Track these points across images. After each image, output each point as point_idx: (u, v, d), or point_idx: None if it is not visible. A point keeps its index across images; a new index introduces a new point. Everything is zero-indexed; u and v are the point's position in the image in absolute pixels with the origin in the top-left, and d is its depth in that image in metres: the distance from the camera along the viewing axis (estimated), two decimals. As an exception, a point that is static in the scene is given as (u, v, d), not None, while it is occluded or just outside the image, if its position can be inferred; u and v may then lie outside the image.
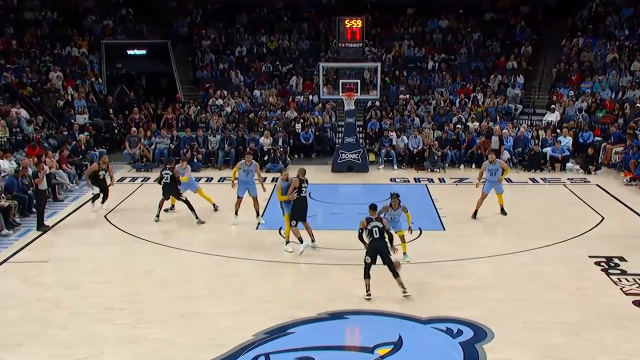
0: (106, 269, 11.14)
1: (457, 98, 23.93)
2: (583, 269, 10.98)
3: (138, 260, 11.57)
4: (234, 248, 11.99)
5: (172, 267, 11.24)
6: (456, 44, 27.60)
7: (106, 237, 12.91)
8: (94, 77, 25.29)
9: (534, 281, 10.47)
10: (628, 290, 10.02)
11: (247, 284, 10.41)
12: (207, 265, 11.26)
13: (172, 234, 12.99)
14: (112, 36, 27.78)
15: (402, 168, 19.87)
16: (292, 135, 21.58)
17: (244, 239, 12.63)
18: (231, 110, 23.29)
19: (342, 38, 20.00)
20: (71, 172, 17.31)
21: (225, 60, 27.01)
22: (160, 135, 20.65)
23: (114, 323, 9.07)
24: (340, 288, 10.21)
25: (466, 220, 14.00)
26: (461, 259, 11.52)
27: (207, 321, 9.10)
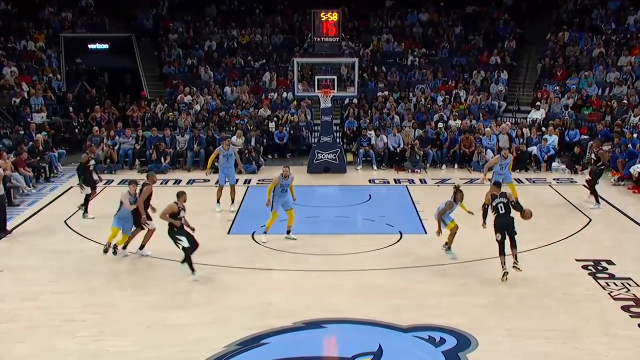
0: (67, 279, 10.98)
1: (438, 95, 24.12)
2: (570, 274, 11.14)
3: (101, 269, 11.43)
4: (204, 255, 11.90)
5: (138, 275, 11.14)
6: (437, 39, 27.83)
7: (67, 245, 12.74)
8: (52, 73, 24.98)
9: (520, 286, 10.59)
10: (617, 295, 10.18)
11: (219, 293, 10.35)
12: (175, 274, 11.16)
13: (138, 241, 12.83)
14: (71, 29, 27.47)
15: (381, 169, 19.96)
16: (266, 135, 21.55)
17: (215, 245, 12.55)
18: (200, 109, 23.17)
19: (317, 32, 20.03)
20: (28, 175, 17.02)
21: (194, 56, 26.86)
22: (124, 135, 20.46)
23: (76, 336, 8.94)
24: (317, 295, 10.21)
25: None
26: (444, 264, 11.61)
27: (176, 333, 9.02)
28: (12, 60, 24.50)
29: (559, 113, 22.46)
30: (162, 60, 26.93)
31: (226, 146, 14.81)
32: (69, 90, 24.58)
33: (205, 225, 13.79)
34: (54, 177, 18.70)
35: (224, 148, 14.81)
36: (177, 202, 10.93)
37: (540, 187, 17.71)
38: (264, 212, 14.61)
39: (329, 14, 19.97)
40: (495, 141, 20.07)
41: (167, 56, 26.92)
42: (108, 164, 19.49)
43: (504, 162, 15.06)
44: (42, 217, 14.79)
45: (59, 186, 17.31)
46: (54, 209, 15.30)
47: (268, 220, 12.71)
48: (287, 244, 12.58)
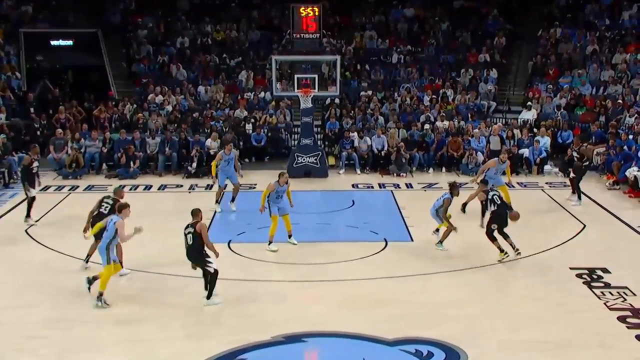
0: (27, 292, 10.85)
1: (424, 95, 24.25)
2: (564, 282, 11.25)
3: (65, 281, 11.30)
4: (175, 264, 11.83)
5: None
6: (423, 35, 27.98)
7: (27, 255, 12.59)
8: (11, 71, 24.69)
9: (511, 296, 10.68)
10: (612, 305, 10.28)
11: (192, 305, 10.28)
12: (145, 285, 11.09)
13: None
14: (32, 24, 27.17)
15: (365, 172, 20.00)
16: (242, 137, 21.50)
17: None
18: (172, 109, 23.05)
19: (296, 28, 20.09)
20: (-15, 181, 16.83)
21: (165, 53, 26.74)
22: (90, 138, 20.30)
23: (37, 354, 8.83)
24: (298, 307, 10.21)
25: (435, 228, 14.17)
26: (431, 272, 11.66)
27: (146, 348, 8.96)
28: (-33, 58, 24.27)
29: (551, 113, 22.69)
30: (131, 58, 26.75)
31: (227, 150, 15.59)
32: (29, 90, 24.32)
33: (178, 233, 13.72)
34: (14, 182, 18.42)
35: (226, 152, 15.56)
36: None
37: (532, 191, 17.88)
38: (240, 219, 14.64)
39: (309, 9, 20.05)
40: (484, 143, 20.22)
41: (136, 53, 26.75)
42: (73, 168, 19.30)
43: (501, 167, 15.26)
44: (1, 226, 14.61)
45: (19, 192, 17.06)
46: (14, 217, 15.10)
47: (270, 228, 12.83)
48: (265, 253, 12.56)
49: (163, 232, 13.74)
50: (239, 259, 12.35)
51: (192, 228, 10.17)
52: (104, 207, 11.79)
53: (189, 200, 16.27)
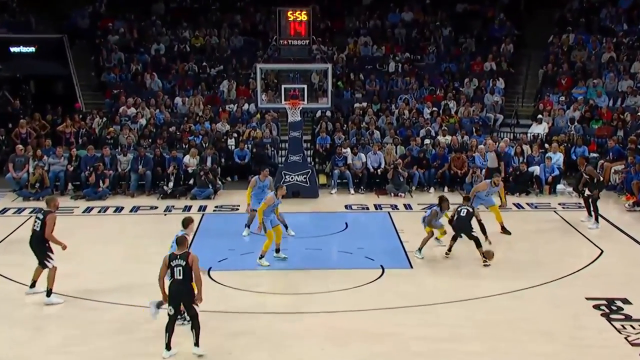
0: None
1: (424, 107, 24.37)
2: (579, 314, 11.24)
3: (25, 315, 11.21)
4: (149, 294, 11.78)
5: (70, 323, 10.95)
6: (423, 41, 28.19)
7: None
8: (-33, 80, 24.73)
9: (520, 330, 10.65)
10: (634, 340, 10.25)
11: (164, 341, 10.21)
12: (118, 318, 11.01)
13: (71, 279, 12.66)
14: (-10, 29, 27.26)
15: (359, 192, 20.02)
16: (224, 153, 21.52)
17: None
18: (146, 123, 23.08)
19: (283, 33, 20.14)
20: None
21: (138, 61, 26.82)
22: (55, 155, 20.26)
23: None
24: (282, 343, 10.13)
25: (438, 256, 14.20)
26: (432, 303, 11.64)
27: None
28: None
29: (564, 127, 22.84)
30: (100, 66, 26.82)
31: (263, 177, 15.60)
32: (-13, 102, 24.33)
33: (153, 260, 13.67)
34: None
35: (260, 179, 15.58)
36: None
37: (543, 213, 17.94)
38: (222, 244, 14.60)
39: (297, 13, 20.11)
40: (490, 160, 20.26)
41: (106, 61, 26.81)
42: (36, 189, 19.23)
43: (492, 190, 15.50)
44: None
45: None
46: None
47: (265, 243, 13.30)
48: (249, 282, 12.51)
49: (136, 259, 13.69)
50: (220, 289, 12.27)
51: (183, 260, 9.61)
52: (36, 224, 11.76)
53: (165, 224, 16.25)
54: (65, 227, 16.37)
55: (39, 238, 11.70)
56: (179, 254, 9.69)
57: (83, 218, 17.57)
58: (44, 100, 26.04)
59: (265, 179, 15.63)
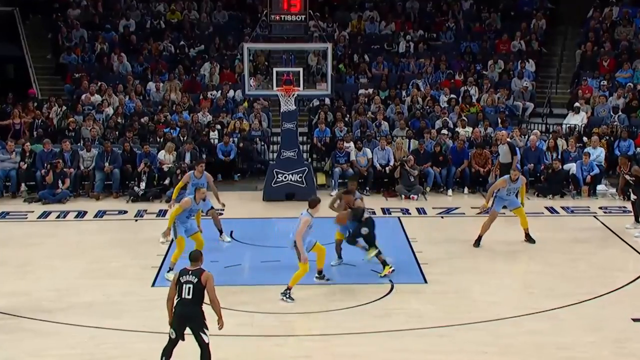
0: None
1: (441, 93, 24.39)
2: (623, 339, 11.24)
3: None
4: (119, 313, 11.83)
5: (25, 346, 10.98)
6: (439, 17, 28.20)
7: None
8: None
9: (552, 357, 10.66)
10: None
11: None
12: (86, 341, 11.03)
13: (22, 297, 12.68)
14: None
15: (364, 194, 19.94)
16: (205, 148, 21.52)
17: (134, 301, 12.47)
18: (113, 112, 23.09)
19: (275, 7, 20.15)
20: None
21: (104, 39, 26.82)
22: (5, 150, 20.29)
23: None
24: None
25: (456, 267, 14.23)
26: (449, 324, 11.64)
27: None
28: None
29: (606, 117, 22.86)
30: (59, 45, 26.81)
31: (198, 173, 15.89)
32: None
33: (123, 274, 13.72)
34: None
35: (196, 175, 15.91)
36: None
37: (581, 218, 17.96)
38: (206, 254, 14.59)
39: (291, -17, 20.15)
40: (518, 156, 20.25)
41: (66, 39, 26.80)
42: (-18, 190, 19.29)
43: (513, 186, 15.47)
44: None
45: None
46: None
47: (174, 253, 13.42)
48: (233, 300, 12.50)
49: (101, 274, 13.71)
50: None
51: (195, 277, 9.63)
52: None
53: (136, 231, 16.26)
54: (17, 235, 16.58)
55: None
56: (191, 269, 9.70)
57: (39, 225, 17.57)
58: (-7, 85, 26.04)
59: (201, 176, 15.90)
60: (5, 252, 15.10)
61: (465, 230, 15.70)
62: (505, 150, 19.57)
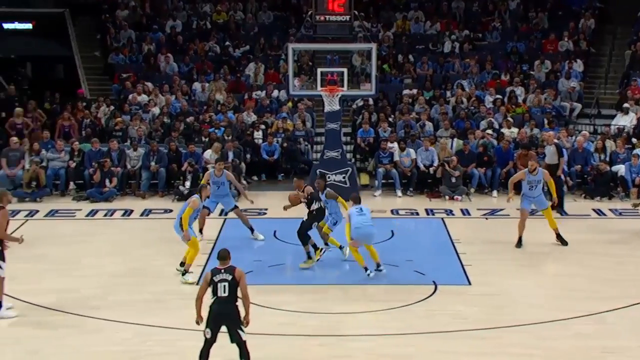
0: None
1: (486, 94, 24.24)
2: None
3: (19, 334, 11.39)
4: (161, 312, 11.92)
5: (70, 343, 11.14)
6: (485, 17, 28.03)
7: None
8: (-46, 62, 25.21)
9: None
10: None
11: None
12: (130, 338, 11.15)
13: (70, 294, 12.85)
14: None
15: (408, 195, 19.99)
16: (250, 148, 21.62)
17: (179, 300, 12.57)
18: (160, 112, 23.30)
19: (320, 7, 20.18)
20: None
21: (151, 40, 27.09)
22: (54, 149, 20.57)
23: None
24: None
25: (500, 269, 14.13)
26: (493, 327, 11.55)
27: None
28: None
29: (655, 118, 22.55)
30: (107, 46, 27.13)
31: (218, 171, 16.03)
32: (-24, 87, 24.75)
33: (167, 272, 13.83)
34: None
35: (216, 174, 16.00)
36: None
37: (629, 221, 17.69)
38: (247, 254, 14.71)
39: (337, -17, 20.16)
40: (565, 157, 20.03)
41: (114, 40, 27.12)
42: (32, 188, 19.53)
43: (532, 179, 15.30)
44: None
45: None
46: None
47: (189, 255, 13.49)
48: (276, 300, 12.54)
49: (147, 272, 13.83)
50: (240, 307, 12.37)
51: (229, 275, 9.63)
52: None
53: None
54: (65, 232, 16.81)
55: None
56: (223, 268, 9.70)
57: (86, 223, 17.82)
58: (43, 85, 26.36)
59: (221, 174, 15.96)
60: (53, 250, 15.32)
61: (510, 232, 15.54)
62: (552, 151, 19.32)
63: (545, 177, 15.50)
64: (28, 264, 13.89)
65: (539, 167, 15.67)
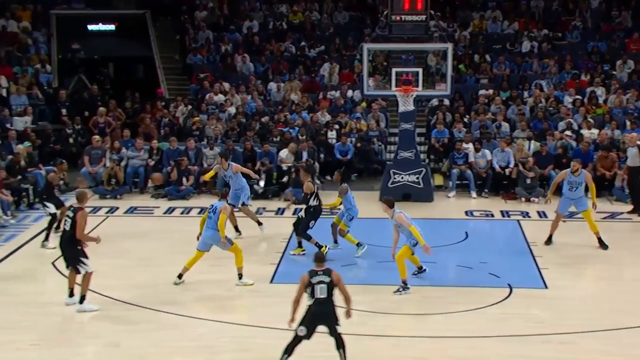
0: (53, 342, 11.19)
1: (565, 94, 23.83)
2: None
3: (99, 328, 11.65)
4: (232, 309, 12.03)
5: (148, 337, 11.33)
6: (565, 15, 27.58)
7: (54, 295, 12.95)
8: (40, 62, 25.81)
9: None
10: None
11: None
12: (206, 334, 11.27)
13: (150, 290, 13.07)
14: (65, 4, 28.33)
15: (483, 196, 19.80)
16: (323, 148, 21.69)
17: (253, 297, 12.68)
18: (236, 112, 23.55)
19: (396, 7, 20.15)
20: (5, 200, 17.57)
21: (228, 40, 27.40)
22: (134, 147, 20.98)
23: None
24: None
25: (578, 273, 13.96)
26: (571, 331, 11.36)
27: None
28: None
29: None
30: (186, 47, 27.55)
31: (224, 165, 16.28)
32: (61, 86, 25.33)
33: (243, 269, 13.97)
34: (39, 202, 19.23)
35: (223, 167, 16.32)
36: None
37: None
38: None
39: (413, -18, 20.09)
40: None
41: (192, 41, 27.53)
42: (112, 185, 19.94)
43: (574, 179, 15.23)
44: (22, 257, 15.18)
45: (45, 215, 17.77)
46: (38, 246, 15.66)
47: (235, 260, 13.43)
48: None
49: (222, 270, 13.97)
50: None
51: (327, 277, 9.68)
52: (66, 223, 12.16)
53: (257, 228, 16.46)
54: (144, 229, 17.11)
55: (70, 239, 12.00)
56: (320, 270, 9.75)
57: (164, 220, 18.14)
58: (124, 85, 26.88)
59: (228, 168, 16.13)
60: (132, 246, 15.63)
61: (589, 235, 15.24)
62: (635, 153, 18.91)
63: (587, 180, 15.41)
64: (107, 259, 14.16)
65: (582, 169, 15.60)
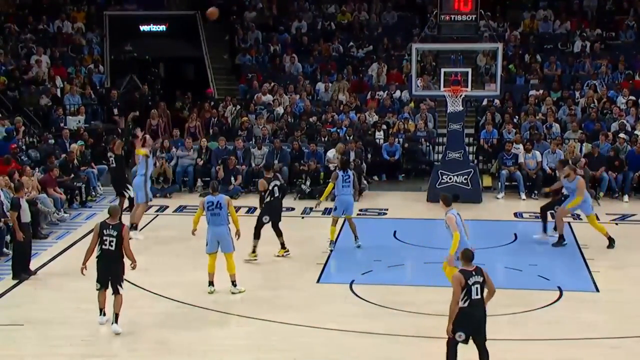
0: (105, 339, 11.35)
1: (619, 95, 23.45)
2: None
3: (148, 324, 11.77)
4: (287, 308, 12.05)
5: (197, 335, 11.40)
6: (619, 15, 27.15)
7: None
8: (93, 63, 26.16)
9: None
10: None
11: None
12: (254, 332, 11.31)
13: (193, 287, 13.14)
14: (119, 5, 28.68)
15: (532, 198, 19.57)
16: (371, 148, 21.64)
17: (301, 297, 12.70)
18: (284, 112, 23.61)
19: (446, 7, 20.01)
20: (59, 198, 17.85)
21: (277, 41, 27.47)
22: (184, 147, 21.15)
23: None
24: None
25: (630, 276, 13.70)
26: (623, 336, 11.18)
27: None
28: (42, 46, 25.78)
29: None
30: (235, 47, 27.69)
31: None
32: (113, 86, 25.63)
33: (289, 269, 13.99)
34: (92, 200, 19.50)
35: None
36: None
37: None
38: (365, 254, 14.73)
39: (463, -18, 19.94)
40: None
41: (242, 41, 27.65)
42: (161, 184, 20.13)
43: (567, 185, 15.31)
44: (76, 254, 15.30)
45: (98, 212, 17.99)
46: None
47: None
48: (394, 299, 12.48)
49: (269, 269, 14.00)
50: (364, 305, 12.45)
51: (480, 276, 9.42)
52: (107, 242, 11.19)
53: (303, 228, 16.49)
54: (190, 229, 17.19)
55: (117, 258, 11.29)
56: (472, 269, 9.47)
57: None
58: (174, 85, 27.06)
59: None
60: (181, 245, 15.62)
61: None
62: None
63: (577, 186, 15.29)
64: (157, 257, 14.30)
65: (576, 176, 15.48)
